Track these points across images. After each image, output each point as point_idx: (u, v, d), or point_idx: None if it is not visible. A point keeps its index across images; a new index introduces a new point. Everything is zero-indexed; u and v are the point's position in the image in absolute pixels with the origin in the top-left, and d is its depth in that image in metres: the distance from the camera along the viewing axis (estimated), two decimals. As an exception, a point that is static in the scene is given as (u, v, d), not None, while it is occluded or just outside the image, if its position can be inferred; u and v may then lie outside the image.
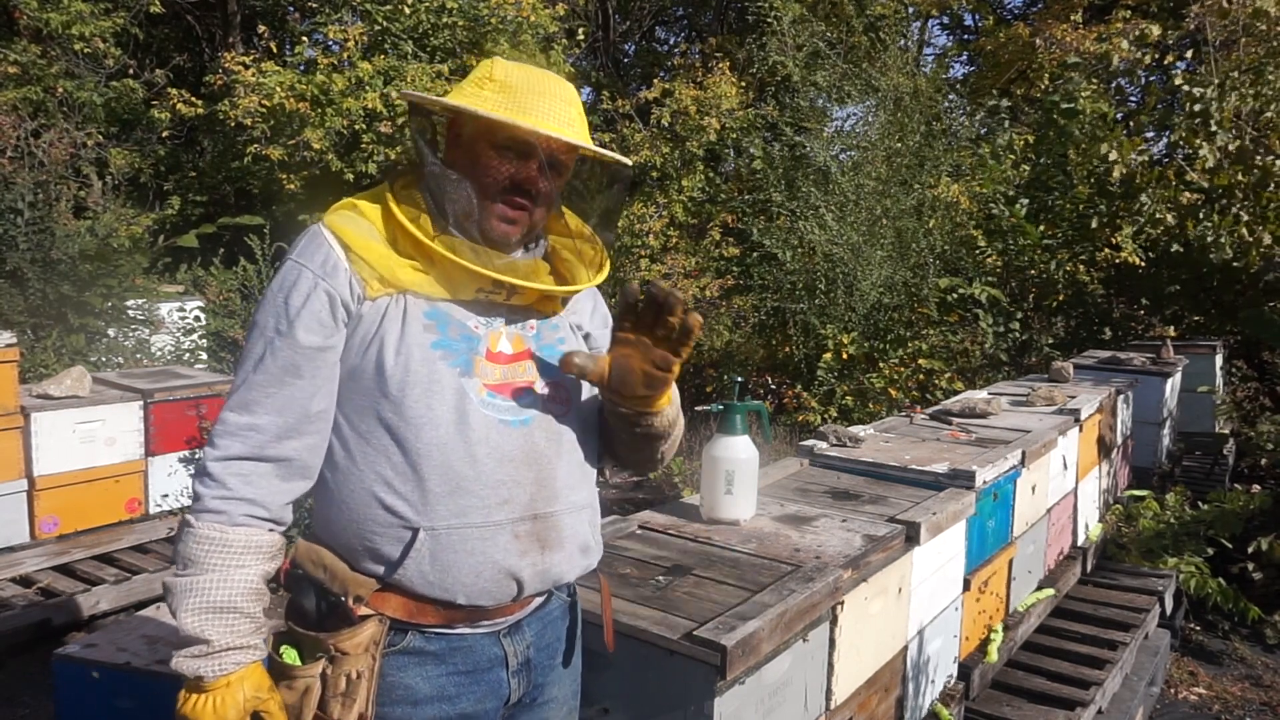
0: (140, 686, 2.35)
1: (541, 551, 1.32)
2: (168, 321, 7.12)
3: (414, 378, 1.25)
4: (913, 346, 6.95)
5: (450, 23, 9.27)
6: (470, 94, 1.32)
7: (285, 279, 1.28)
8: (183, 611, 1.21)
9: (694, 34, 16.80)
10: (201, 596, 1.21)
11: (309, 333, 1.25)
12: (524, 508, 1.30)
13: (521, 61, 1.43)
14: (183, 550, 1.23)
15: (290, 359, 1.25)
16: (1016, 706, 2.71)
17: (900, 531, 2.16)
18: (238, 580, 1.23)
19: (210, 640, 1.21)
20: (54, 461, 4.02)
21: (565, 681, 1.48)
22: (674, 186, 10.19)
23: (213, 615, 1.21)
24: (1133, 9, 10.46)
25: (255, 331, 1.28)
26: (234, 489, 1.24)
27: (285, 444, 1.26)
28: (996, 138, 8.10)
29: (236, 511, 1.24)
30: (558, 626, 1.45)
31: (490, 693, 1.35)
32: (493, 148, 1.30)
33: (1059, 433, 3.32)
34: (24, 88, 9.30)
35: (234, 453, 1.24)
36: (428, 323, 1.29)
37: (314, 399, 1.27)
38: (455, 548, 1.26)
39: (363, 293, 1.28)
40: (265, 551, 1.27)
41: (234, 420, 1.25)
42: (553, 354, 1.39)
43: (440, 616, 1.30)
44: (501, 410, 1.30)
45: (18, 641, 3.47)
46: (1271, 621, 3.87)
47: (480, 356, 1.31)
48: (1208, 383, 6.03)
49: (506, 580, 1.30)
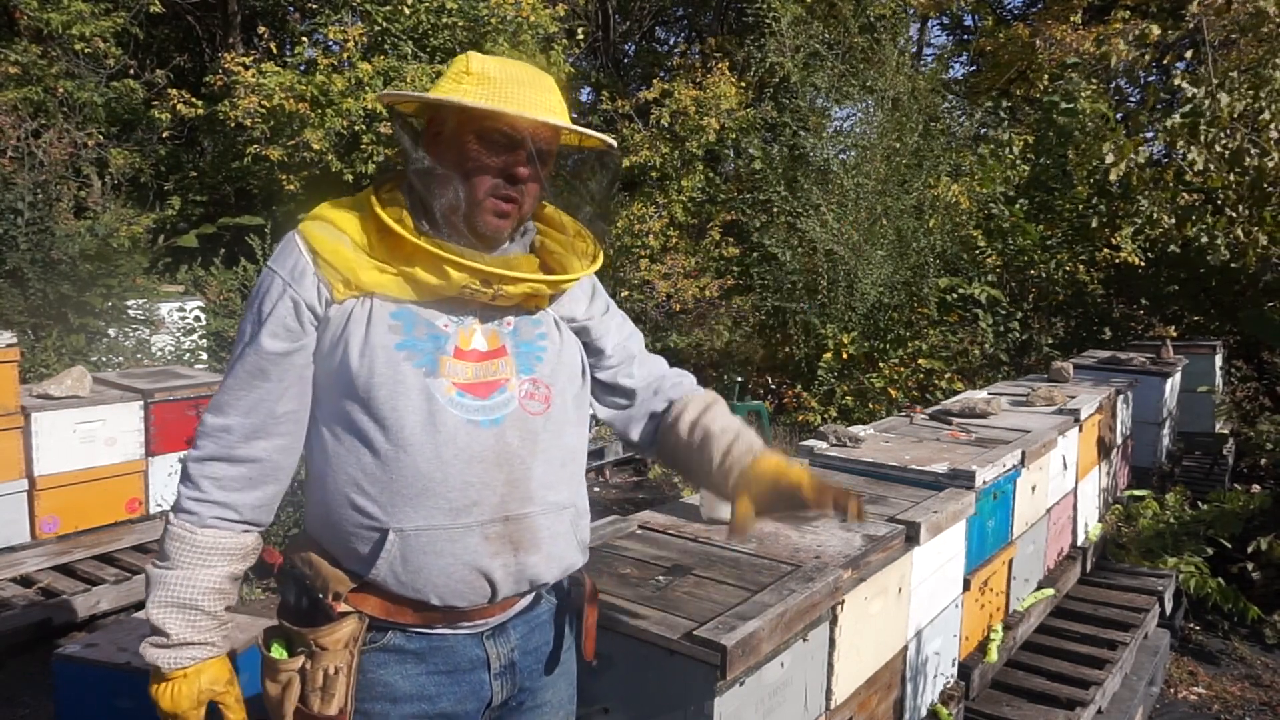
0: (140, 686, 2.33)
1: (515, 553, 1.30)
2: (168, 321, 7.12)
3: (379, 379, 1.25)
4: (913, 346, 6.96)
5: (450, 23, 9.28)
6: (449, 89, 1.30)
7: (261, 285, 1.31)
8: (150, 602, 1.28)
9: (694, 34, 16.80)
10: (167, 591, 1.27)
11: (273, 338, 1.28)
12: (494, 509, 1.28)
13: (522, 61, 1.42)
14: (161, 544, 1.30)
15: (256, 363, 1.28)
16: (1016, 706, 2.71)
17: (900, 531, 2.17)
18: (201, 579, 1.28)
19: (169, 633, 1.27)
20: (54, 461, 4.02)
21: (560, 685, 1.47)
22: (674, 186, 10.19)
23: (175, 610, 1.27)
24: (1132, 9, 10.46)
25: (237, 337, 1.33)
26: (206, 492, 1.28)
27: (254, 444, 1.29)
28: (995, 138, 8.11)
29: (207, 514, 1.28)
30: (546, 630, 1.43)
31: (471, 694, 1.34)
32: (478, 139, 1.28)
33: (1059, 433, 3.32)
34: (24, 88, 9.30)
35: (208, 453, 1.29)
36: (393, 323, 1.28)
37: (280, 401, 1.29)
38: (424, 549, 1.26)
39: (330, 296, 1.28)
40: (233, 553, 1.30)
41: (210, 422, 1.30)
42: (531, 350, 1.37)
43: (417, 617, 1.30)
44: (471, 410, 1.28)
45: (18, 641, 3.47)
46: (1271, 621, 3.87)
47: (447, 355, 1.29)
48: (1207, 383, 6.04)
49: (478, 580, 1.28)
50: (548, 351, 1.38)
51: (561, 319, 1.45)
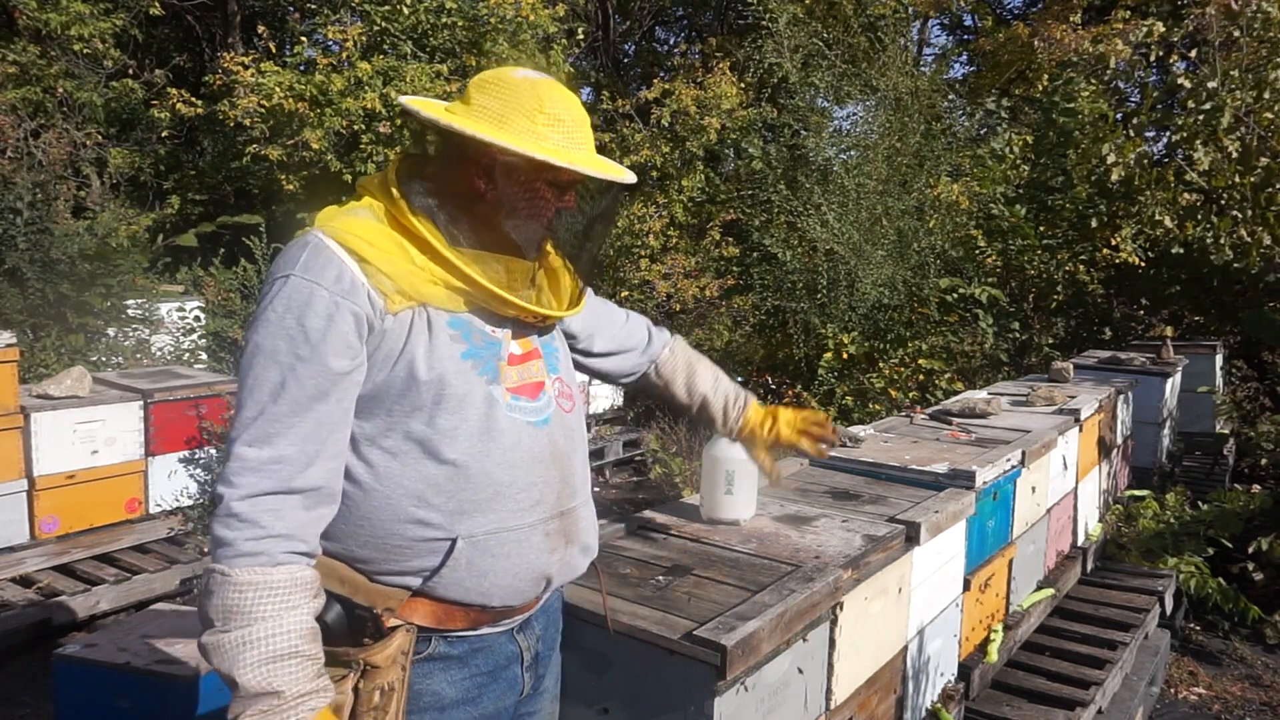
0: (140, 686, 2.34)
1: (566, 546, 1.37)
2: (167, 321, 7.12)
3: (450, 390, 1.24)
4: (913, 346, 6.95)
5: (449, 23, 9.27)
6: (525, 129, 1.27)
7: (293, 298, 1.19)
8: (241, 668, 1.12)
9: (694, 34, 16.80)
10: (260, 648, 1.12)
11: (338, 357, 1.19)
12: (553, 506, 1.34)
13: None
14: (220, 603, 1.13)
15: (318, 385, 1.19)
16: (1016, 706, 2.71)
17: (900, 531, 2.16)
18: (293, 623, 1.15)
19: (281, 692, 1.12)
20: (54, 461, 4.01)
21: (554, 670, 1.53)
22: (674, 186, 10.19)
23: (277, 665, 1.13)
24: (1132, 9, 10.46)
25: (263, 357, 1.19)
26: (268, 526, 1.16)
27: (311, 472, 1.19)
28: (995, 138, 8.10)
29: (276, 550, 1.16)
30: (557, 618, 1.51)
31: (508, 689, 1.38)
32: (550, 185, 1.31)
33: (1059, 433, 3.32)
34: (24, 88, 9.30)
35: (261, 489, 1.16)
36: (453, 333, 1.27)
37: (339, 423, 1.22)
38: (493, 552, 1.27)
39: (384, 307, 1.23)
40: (311, 588, 1.19)
41: (253, 455, 1.17)
42: (553, 352, 1.43)
43: (467, 620, 1.31)
44: (526, 412, 1.33)
45: (18, 641, 3.47)
46: (1271, 621, 3.87)
47: (504, 362, 1.32)
48: (1208, 383, 6.03)
49: (539, 580, 1.34)
50: (561, 351, 1.47)
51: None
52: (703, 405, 1.85)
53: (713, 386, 1.85)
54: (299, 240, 1.26)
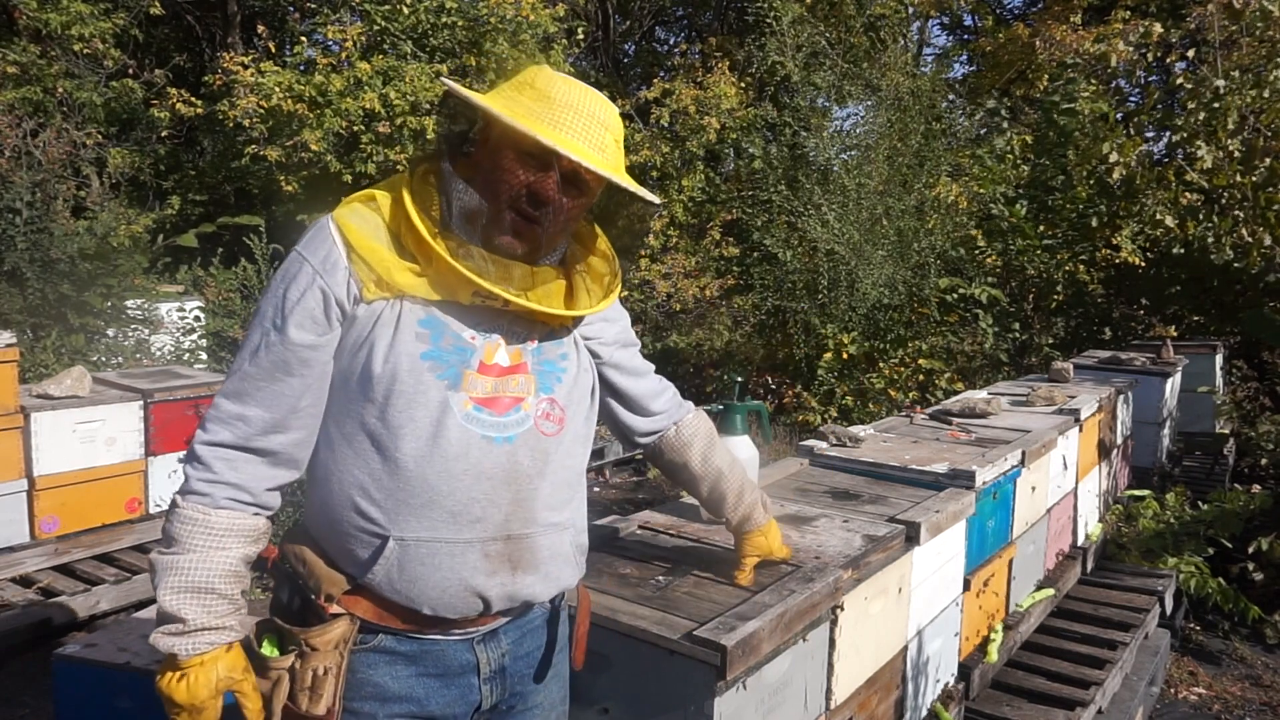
0: (140, 686, 2.34)
1: (512, 572, 1.31)
2: (167, 321, 7.12)
3: (400, 386, 1.24)
4: (913, 347, 6.96)
5: (449, 22, 9.27)
6: (508, 96, 1.29)
7: (288, 270, 1.28)
8: (162, 589, 1.23)
9: (694, 34, 16.80)
10: (181, 576, 1.22)
11: (300, 330, 1.25)
12: (497, 527, 1.28)
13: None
14: (168, 529, 1.25)
15: (281, 355, 1.25)
16: (1016, 706, 2.71)
17: (900, 531, 2.16)
18: (217, 562, 1.24)
19: (186, 619, 1.22)
20: (54, 461, 4.01)
21: (552, 687, 1.47)
22: (674, 186, 10.19)
23: (190, 595, 1.22)
24: (1132, 9, 10.46)
25: (256, 319, 1.29)
26: (219, 473, 1.25)
27: (272, 438, 1.27)
28: (995, 139, 8.10)
29: (220, 495, 1.25)
30: (539, 635, 1.44)
31: (460, 698, 1.35)
32: (515, 154, 1.27)
33: (1059, 433, 3.32)
34: (24, 88, 9.30)
35: (221, 439, 1.26)
36: (421, 331, 1.26)
37: (303, 396, 1.27)
38: (423, 560, 1.26)
39: (359, 294, 1.26)
40: (247, 535, 1.27)
41: (226, 408, 1.27)
42: (553, 370, 1.36)
43: (407, 623, 1.30)
44: (486, 426, 1.27)
45: (18, 641, 3.46)
46: (1271, 621, 3.87)
47: (471, 370, 1.28)
48: (1208, 383, 6.03)
49: (471, 598, 1.29)
50: (567, 373, 1.38)
51: (583, 338, 1.46)
52: (716, 480, 1.72)
53: (729, 466, 1.74)
54: (318, 219, 1.34)
